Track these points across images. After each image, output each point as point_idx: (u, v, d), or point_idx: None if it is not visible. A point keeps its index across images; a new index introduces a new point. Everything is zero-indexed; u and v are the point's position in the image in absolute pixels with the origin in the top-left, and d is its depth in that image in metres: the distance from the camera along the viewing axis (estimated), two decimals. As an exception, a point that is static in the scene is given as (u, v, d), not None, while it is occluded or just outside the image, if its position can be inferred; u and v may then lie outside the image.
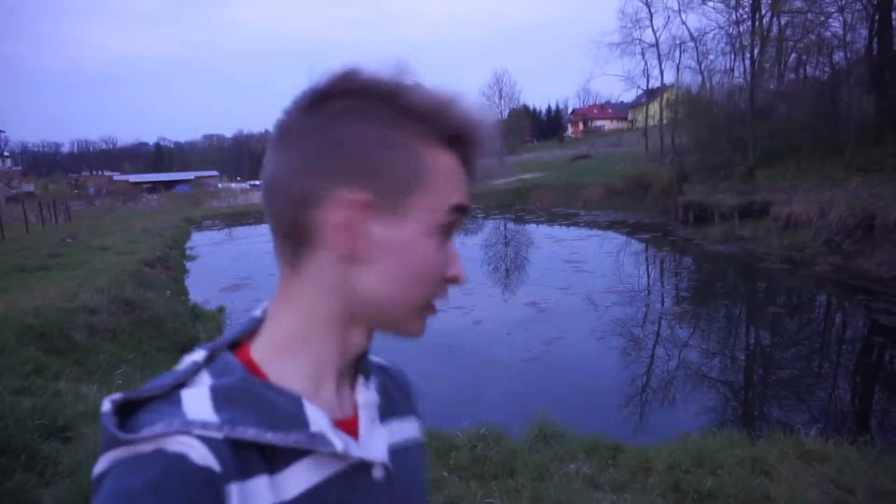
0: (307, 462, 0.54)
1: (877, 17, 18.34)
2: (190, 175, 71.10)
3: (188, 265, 15.64)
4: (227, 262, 16.20)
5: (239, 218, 30.88)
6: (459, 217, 0.60)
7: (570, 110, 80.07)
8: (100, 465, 0.48)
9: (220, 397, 0.52)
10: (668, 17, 39.56)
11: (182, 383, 0.53)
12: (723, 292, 12.21)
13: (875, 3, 18.31)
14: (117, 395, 0.51)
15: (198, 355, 0.56)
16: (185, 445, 0.47)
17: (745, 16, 24.78)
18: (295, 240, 0.57)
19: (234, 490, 0.49)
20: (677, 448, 3.40)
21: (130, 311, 8.06)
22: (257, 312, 0.62)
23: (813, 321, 10.17)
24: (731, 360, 7.95)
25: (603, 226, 22.03)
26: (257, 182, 68.86)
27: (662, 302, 11.33)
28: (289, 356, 0.57)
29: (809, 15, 21.70)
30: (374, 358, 0.68)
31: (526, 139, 66.15)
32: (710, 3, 25.97)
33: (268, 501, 0.51)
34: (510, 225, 24.73)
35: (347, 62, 0.57)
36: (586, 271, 13.37)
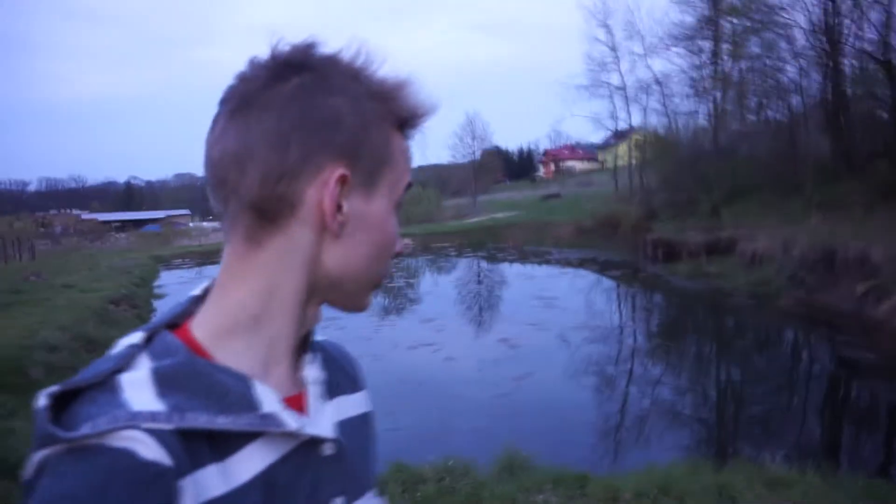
0: (258, 444, 0.52)
1: (829, 65, 19.21)
2: (160, 214, 70.29)
3: (156, 303, 15.32)
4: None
5: (210, 256, 30.43)
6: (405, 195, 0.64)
7: (541, 151, 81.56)
8: (32, 466, 0.44)
9: (162, 381, 0.49)
10: (634, 62, 40.92)
11: (120, 368, 0.50)
12: (692, 328, 12.35)
13: (827, 51, 19.21)
14: (54, 388, 0.47)
15: (135, 337, 0.53)
16: (132, 440, 0.44)
17: (706, 61, 25.78)
18: (266, 214, 0.55)
19: (187, 484, 0.46)
20: (644, 477, 3.39)
21: (92, 348, 7.85)
22: (197, 291, 0.60)
23: (780, 356, 10.32)
24: (703, 397, 7.99)
25: (574, 263, 22.23)
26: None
27: (634, 339, 11.40)
28: (240, 335, 0.55)
29: (767, 61, 22.66)
30: (316, 337, 0.66)
31: (498, 179, 67.02)
32: (674, 49, 26.96)
33: (219, 490, 0.48)
34: (482, 263, 24.83)
35: (308, 35, 0.57)
36: (558, 308, 13.42)
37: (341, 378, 0.68)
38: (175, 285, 19.80)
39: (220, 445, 0.50)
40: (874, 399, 7.51)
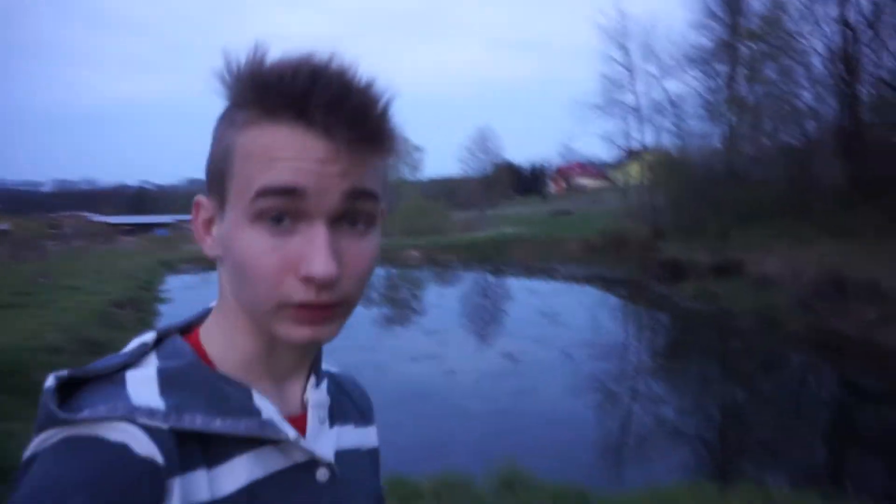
0: (249, 457, 0.52)
1: (846, 91, 19.16)
2: (169, 218, 70.56)
3: (160, 308, 15.33)
4: (199, 307, 15.94)
5: (215, 263, 30.50)
6: (279, 201, 0.49)
7: (552, 167, 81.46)
8: (33, 446, 0.45)
9: (167, 380, 0.50)
10: (649, 82, 40.86)
11: (129, 364, 0.51)
12: (698, 349, 12.23)
13: (845, 78, 19.16)
14: (63, 372, 0.48)
15: (147, 337, 0.55)
16: (128, 434, 0.45)
17: (722, 84, 25.74)
18: None
19: (176, 484, 0.46)
20: (647, 497, 3.33)
21: (96, 351, 7.85)
22: (213, 303, 0.62)
23: (786, 380, 10.18)
24: (707, 418, 7.90)
25: (580, 280, 22.14)
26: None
27: (638, 357, 11.31)
28: (226, 347, 0.57)
29: (783, 86, 22.59)
30: (329, 366, 0.67)
31: (508, 194, 67.04)
32: (689, 71, 26.91)
33: (204, 496, 0.48)
34: (488, 277, 24.77)
35: None
36: (562, 324, 13.34)
37: (348, 408, 0.67)
38: (180, 290, 19.83)
39: (212, 452, 0.50)
40: (882, 426, 7.38)
